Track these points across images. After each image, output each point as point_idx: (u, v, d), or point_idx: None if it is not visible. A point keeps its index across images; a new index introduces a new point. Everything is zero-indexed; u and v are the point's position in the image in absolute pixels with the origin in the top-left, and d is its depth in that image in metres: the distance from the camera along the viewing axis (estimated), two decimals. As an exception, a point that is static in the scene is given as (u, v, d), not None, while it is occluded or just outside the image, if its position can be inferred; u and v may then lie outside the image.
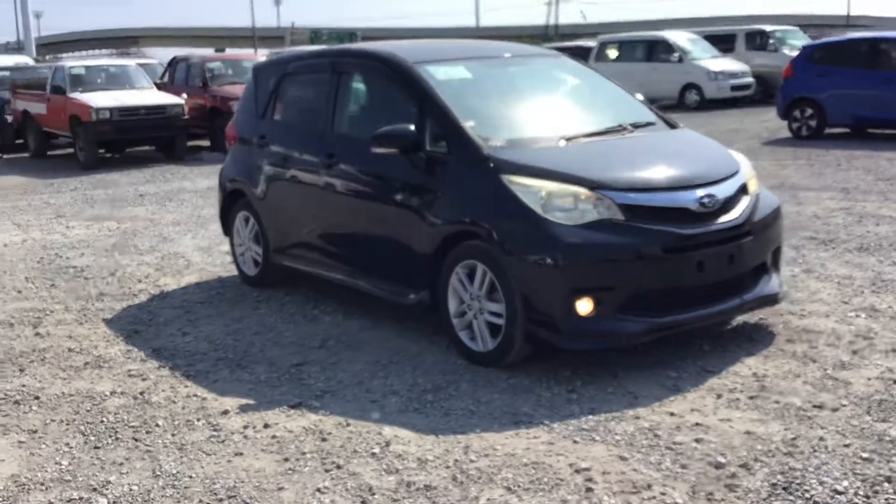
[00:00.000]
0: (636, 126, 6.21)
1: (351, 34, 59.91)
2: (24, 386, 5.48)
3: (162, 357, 5.95)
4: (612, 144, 5.91)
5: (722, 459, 4.14)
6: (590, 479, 4.03)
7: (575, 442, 4.41)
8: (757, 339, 5.72)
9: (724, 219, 5.33)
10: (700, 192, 5.28)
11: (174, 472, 4.28)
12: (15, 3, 56.45)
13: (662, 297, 5.26)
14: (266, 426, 4.75)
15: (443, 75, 6.18)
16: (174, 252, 9.19)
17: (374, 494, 3.98)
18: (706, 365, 5.29)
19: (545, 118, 6.32)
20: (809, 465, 4.04)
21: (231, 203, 7.75)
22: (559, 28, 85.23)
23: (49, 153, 19.72)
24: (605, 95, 6.80)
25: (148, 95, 17.96)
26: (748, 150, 13.52)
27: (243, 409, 5.00)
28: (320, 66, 7.04)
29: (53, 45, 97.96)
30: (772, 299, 5.68)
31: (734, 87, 24.65)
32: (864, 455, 4.11)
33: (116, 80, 18.73)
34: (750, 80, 24.96)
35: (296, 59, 7.45)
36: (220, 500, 4.00)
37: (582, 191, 5.18)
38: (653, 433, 4.45)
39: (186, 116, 17.53)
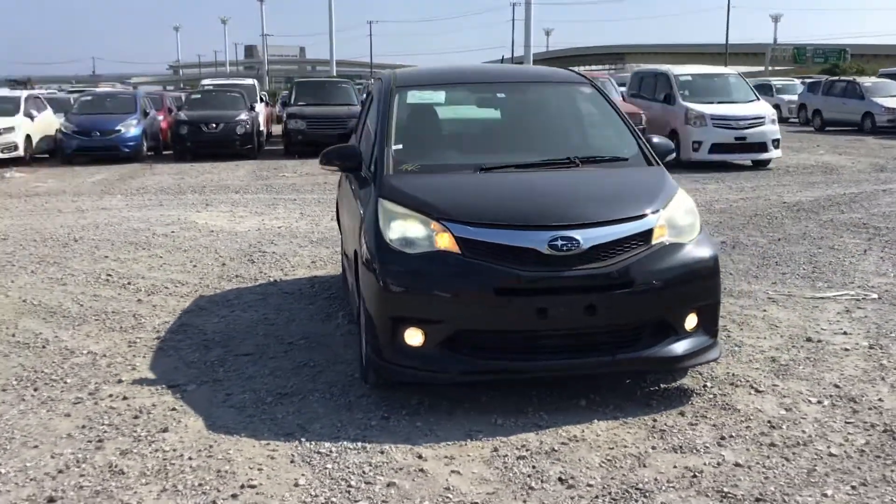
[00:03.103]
0: (589, 160, 5.64)
1: (840, 51, 56.23)
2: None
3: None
4: (520, 179, 5.43)
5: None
6: None
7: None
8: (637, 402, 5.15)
9: (585, 266, 4.68)
10: (553, 234, 4.68)
11: None
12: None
13: (498, 339, 4.76)
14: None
15: (416, 99, 6.20)
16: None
17: None
18: (544, 419, 4.74)
19: (482, 146, 6.04)
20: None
21: None
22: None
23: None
24: (591, 127, 6.25)
25: None
26: None
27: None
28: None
29: (559, 59, 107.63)
30: (667, 362, 4.92)
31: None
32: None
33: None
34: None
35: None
36: None
37: (426, 220, 4.83)
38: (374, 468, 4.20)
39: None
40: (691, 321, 4.92)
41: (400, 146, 5.70)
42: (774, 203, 12.97)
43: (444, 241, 4.77)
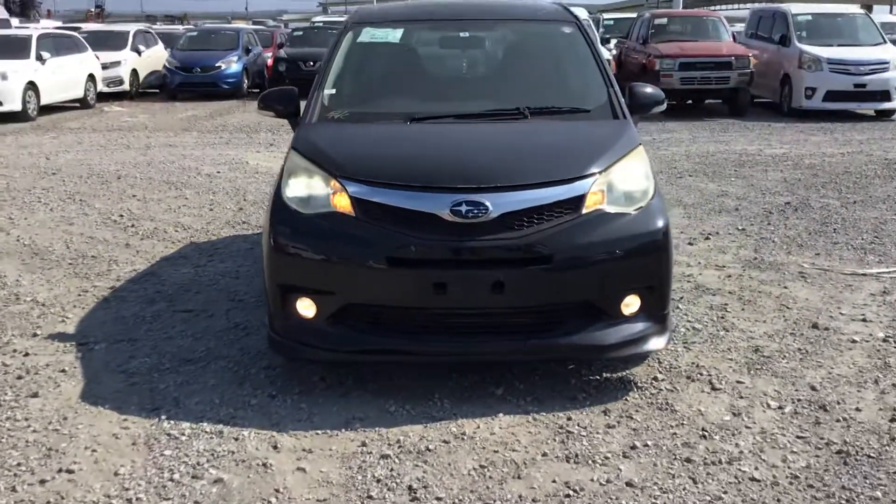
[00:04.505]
0: (542, 112, 4.87)
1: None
2: None
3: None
4: (447, 133, 4.74)
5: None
6: None
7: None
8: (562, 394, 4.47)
9: (493, 236, 4.00)
10: (457, 198, 4.00)
11: None
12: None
13: (394, 317, 4.16)
14: None
15: (367, 37, 5.55)
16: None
17: None
18: (445, 408, 4.12)
19: (426, 94, 5.32)
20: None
21: None
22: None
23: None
24: (559, 73, 5.45)
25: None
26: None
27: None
28: None
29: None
30: (592, 351, 4.21)
31: None
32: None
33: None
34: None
35: None
36: None
37: (328, 177, 4.24)
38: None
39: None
40: (630, 305, 4.17)
41: (333, 91, 5.10)
42: (875, 160, 11.60)
43: (341, 202, 4.17)
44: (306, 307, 4.19)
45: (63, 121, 17.17)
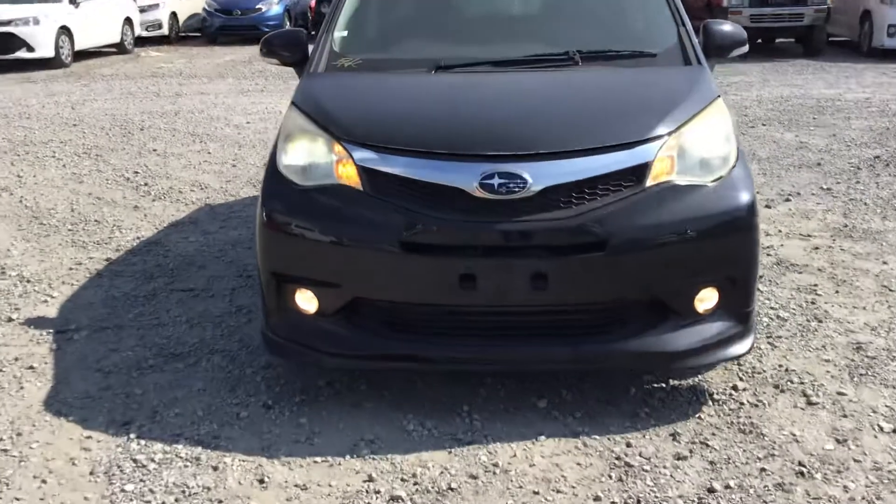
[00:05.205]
0: (596, 56, 3.99)
1: None
2: None
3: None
4: (481, 83, 3.86)
5: None
6: None
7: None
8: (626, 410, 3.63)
9: (534, 216, 3.17)
10: (488, 168, 3.17)
11: None
12: None
13: (412, 315, 3.37)
14: None
15: None
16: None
17: None
18: (475, 428, 3.36)
19: (459, 36, 4.39)
20: None
21: None
22: None
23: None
24: (619, 11, 4.55)
25: None
26: None
27: None
28: None
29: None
30: (660, 360, 3.39)
31: None
32: None
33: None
34: None
35: None
36: None
37: (330, 141, 3.42)
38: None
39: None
40: (706, 300, 3.32)
41: (344, 33, 4.27)
42: (970, 104, 10.45)
43: (347, 171, 3.38)
44: (307, 301, 3.43)
45: (97, 67, 16.56)
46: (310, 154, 3.50)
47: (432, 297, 3.28)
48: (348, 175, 3.35)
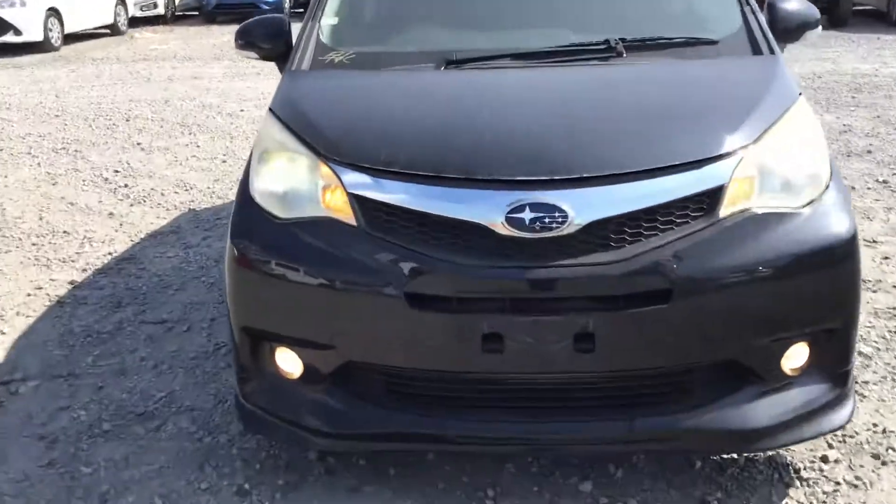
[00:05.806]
0: (643, 45, 3.22)
1: None
2: None
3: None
4: (501, 83, 3.11)
5: None
6: None
7: None
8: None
9: (578, 259, 2.45)
10: (517, 196, 2.45)
11: None
12: None
13: (422, 383, 2.65)
14: None
15: None
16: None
17: None
18: None
19: (460, 20, 3.59)
20: None
21: None
22: None
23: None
24: None
25: None
26: None
27: None
28: None
29: None
30: (737, 440, 2.62)
31: None
32: None
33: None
34: None
35: None
36: None
37: (309, 160, 2.71)
38: None
39: None
40: (795, 358, 2.61)
41: (335, 21, 3.55)
42: None
43: (336, 200, 2.66)
44: (289, 363, 2.73)
45: (87, 51, 15.83)
46: (289, 178, 2.77)
47: (447, 364, 2.57)
48: (337, 205, 2.63)
